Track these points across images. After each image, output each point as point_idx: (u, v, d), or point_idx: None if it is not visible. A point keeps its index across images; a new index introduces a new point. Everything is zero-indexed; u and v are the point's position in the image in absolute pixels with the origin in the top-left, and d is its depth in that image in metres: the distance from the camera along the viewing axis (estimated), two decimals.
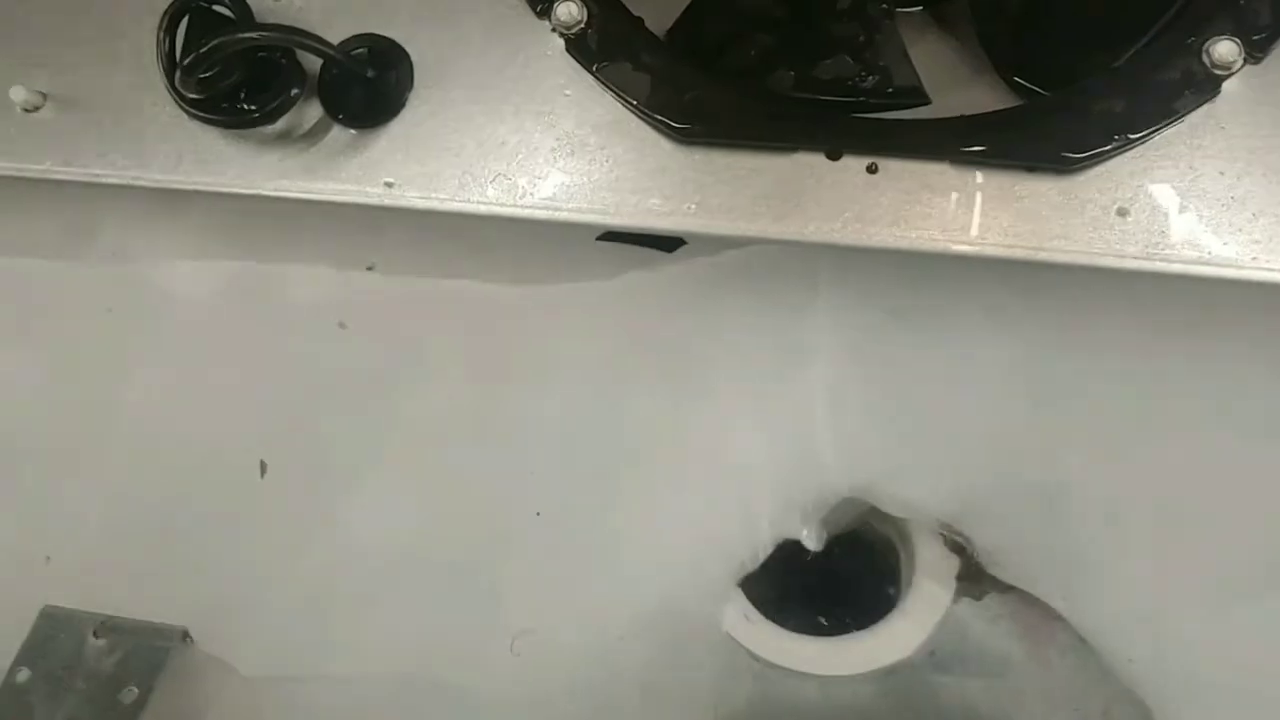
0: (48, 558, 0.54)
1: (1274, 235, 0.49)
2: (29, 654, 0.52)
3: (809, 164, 0.51)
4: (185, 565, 0.53)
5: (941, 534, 0.54)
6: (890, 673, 0.52)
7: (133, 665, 0.50)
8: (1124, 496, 0.52)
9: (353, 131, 0.54)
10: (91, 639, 0.51)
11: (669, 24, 0.59)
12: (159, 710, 0.48)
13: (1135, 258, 0.50)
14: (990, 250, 0.51)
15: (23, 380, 0.57)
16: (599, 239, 0.56)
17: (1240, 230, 0.49)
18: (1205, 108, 0.50)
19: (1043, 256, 0.51)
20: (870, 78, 0.52)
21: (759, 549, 0.52)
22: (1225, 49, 0.50)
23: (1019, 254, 0.51)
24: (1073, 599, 0.52)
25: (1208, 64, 0.50)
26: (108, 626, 0.52)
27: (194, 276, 0.55)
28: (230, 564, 0.53)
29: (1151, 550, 0.51)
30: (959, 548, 0.54)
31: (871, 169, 0.51)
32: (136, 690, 0.49)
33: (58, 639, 0.51)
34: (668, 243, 0.58)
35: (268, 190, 0.53)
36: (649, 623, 0.50)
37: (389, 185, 0.53)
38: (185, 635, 0.51)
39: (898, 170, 0.51)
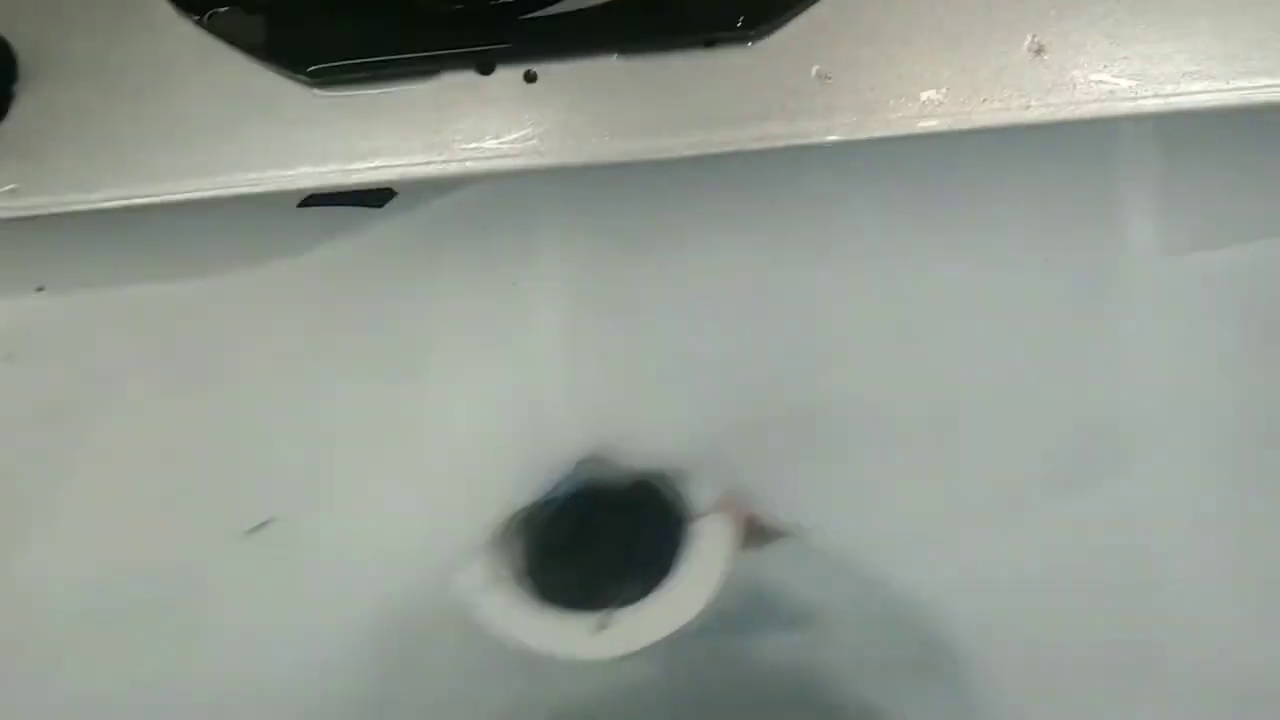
0: None
1: (1025, 64, 0.43)
2: None
3: (461, 85, 0.45)
4: None
5: (709, 483, 0.47)
6: (674, 644, 0.46)
7: None
8: (888, 407, 0.45)
9: None
10: None
11: None
12: None
13: (847, 126, 0.44)
14: (688, 150, 0.45)
15: None
16: (300, 205, 0.50)
17: (956, 77, 0.42)
18: None
19: (751, 145, 0.45)
20: None
21: (500, 526, 0.46)
22: None
23: (723, 147, 0.45)
24: (859, 533, 0.45)
25: None
26: None
27: None
28: None
29: (927, 464, 0.44)
30: (732, 495, 0.48)
31: (529, 77, 0.44)
32: None
33: None
34: (374, 197, 0.51)
35: None
36: (383, 628, 0.44)
37: (13, 192, 0.48)
38: None
39: (560, 75, 0.44)
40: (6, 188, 0.46)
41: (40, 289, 0.51)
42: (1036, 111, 0.41)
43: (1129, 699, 0.44)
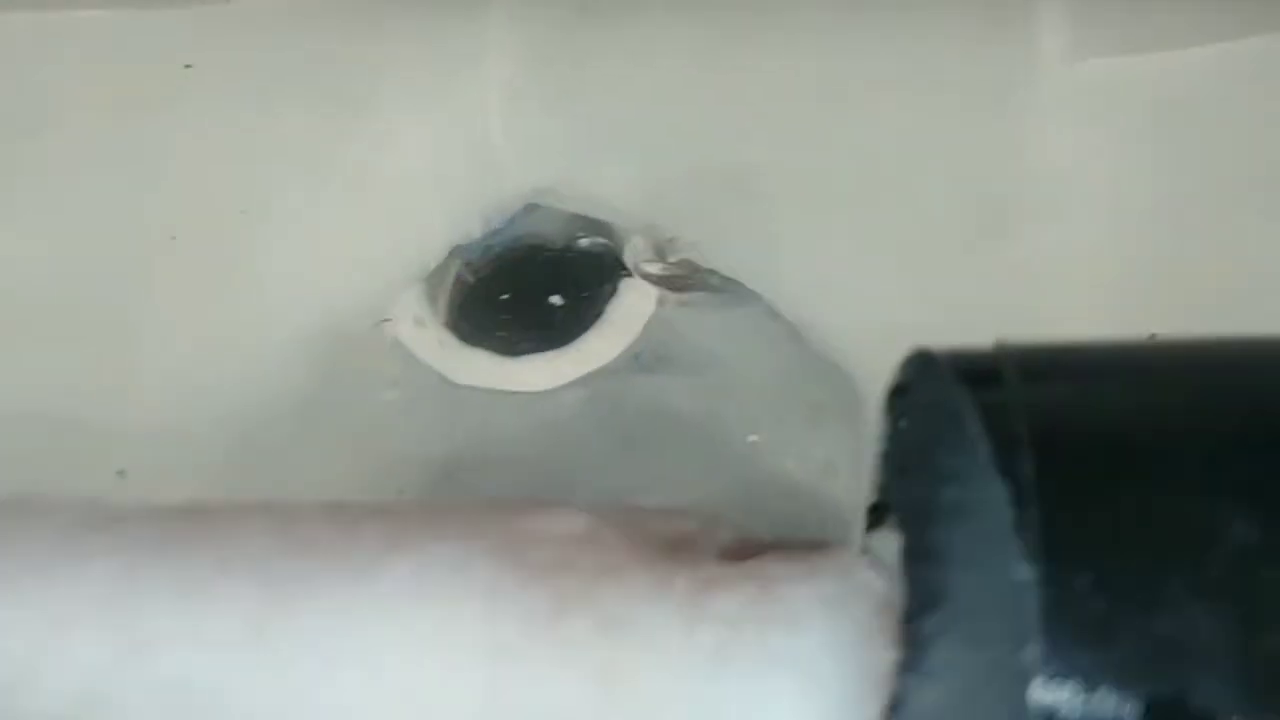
0: None
1: None
2: None
3: None
4: None
5: (641, 233, 0.50)
6: (592, 380, 0.49)
7: None
8: (817, 172, 0.48)
9: None
10: None
11: None
12: None
13: None
14: None
15: None
16: None
17: None
18: None
19: None
20: None
21: (434, 259, 0.48)
22: None
23: None
24: (776, 284, 0.48)
25: None
26: None
27: None
28: None
29: (848, 224, 0.48)
30: (661, 246, 0.51)
31: None
32: None
33: None
34: None
35: None
36: (311, 344, 0.46)
37: None
38: None
39: None
40: None
41: None
42: None
43: None
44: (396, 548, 0.22)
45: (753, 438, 0.44)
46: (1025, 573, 0.19)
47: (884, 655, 0.20)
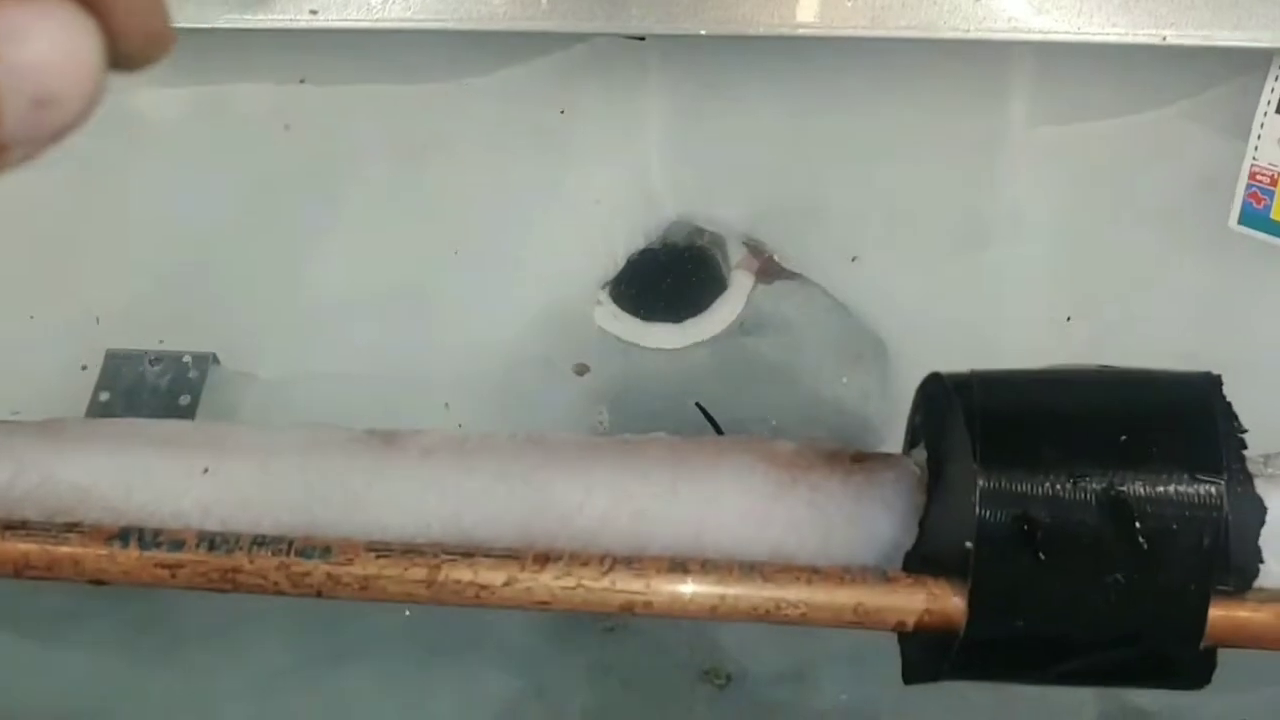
0: (97, 319, 0.72)
1: (968, 6, 0.69)
2: (105, 382, 0.72)
3: None
4: (203, 309, 0.72)
5: (745, 242, 0.75)
6: (713, 341, 0.75)
7: (182, 382, 0.70)
8: (858, 202, 0.74)
9: None
10: (148, 366, 0.71)
11: None
12: (207, 410, 0.68)
13: (863, 27, 0.70)
14: (763, 30, 0.71)
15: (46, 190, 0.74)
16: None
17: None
18: None
19: (800, 33, 0.71)
20: None
21: (617, 260, 0.74)
22: None
23: (790, 31, 0.71)
24: (834, 279, 0.74)
25: None
26: (157, 357, 0.72)
27: (161, 100, 0.71)
28: (237, 307, 0.73)
29: (886, 242, 0.74)
30: (757, 251, 0.76)
31: None
32: (189, 397, 0.69)
33: (122, 370, 0.71)
34: None
35: (213, 23, 0.69)
36: (542, 320, 0.72)
37: (312, 13, 0.70)
38: (214, 358, 0.72)
39: None
40: (308, 8, 0.69)
41: (302, 81, 0.73)
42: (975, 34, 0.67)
43: None
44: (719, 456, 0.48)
45: (844, 379, 0.70)
46: (976, 466, 0.45)
47: (920, 499, 0.46)
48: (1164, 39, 0.71)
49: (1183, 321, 0.70)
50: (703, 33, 0.69)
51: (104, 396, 0.71)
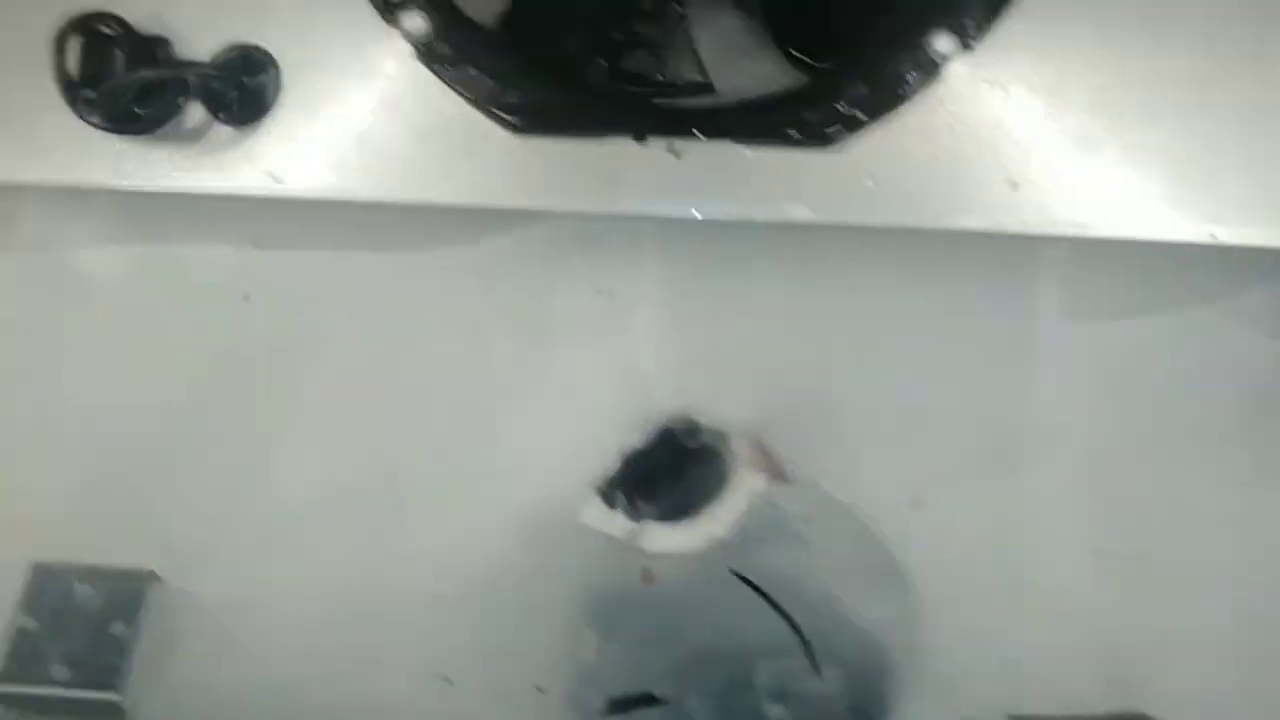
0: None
1: (1001, 195, 0.63)
2: (28, 604, 0.61)
3: (621, 147, 0.62)
4: (143, 515, 0.63)
5: (749, 440, 0.68)
6: (713, 547, 0.66)
7: (116, 604, 0.60)
8: (877, 403, 0.67)
9: (231, 129, 0.62)
10: (77, 585, 0.61)
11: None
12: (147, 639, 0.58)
13: (884, 216, 0.64)
14: (765, 215, 0.64)
15: None
16: None
17: (977, 189, 0.63)
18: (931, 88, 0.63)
19: (811, 219, 0.64)
20: (666, 72, 0.63)
21: (608, 459, 0.65)
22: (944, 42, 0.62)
23: (794, 216, 0.64)
24: (846, 485, 0.66)
25: (930, 53, 0.62)
26: (89, 574, 0.61)
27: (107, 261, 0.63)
28: (180, 514, 0.63)
29: (901, 442, 0.66)
30: (763, 450, 0.68)
31: (672, 149, 0.62)
32: (122, 625, 0.59)
33: (49, 589, 0.61)
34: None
35: (163, 186, 0.62)
36: (524, 524, 0.63)
37: (274, 178, 0.62)
38: (153, 575, 0.62)
39: (693, 149, 0.62)
40: (265, 170, 0.61)
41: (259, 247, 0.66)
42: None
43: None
44: None
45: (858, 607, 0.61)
46: None
47: None
48: (1213, 237, 0.66)
49: (1230, 557, 0.64)
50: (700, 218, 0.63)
51: (30, 624, 0.59)
